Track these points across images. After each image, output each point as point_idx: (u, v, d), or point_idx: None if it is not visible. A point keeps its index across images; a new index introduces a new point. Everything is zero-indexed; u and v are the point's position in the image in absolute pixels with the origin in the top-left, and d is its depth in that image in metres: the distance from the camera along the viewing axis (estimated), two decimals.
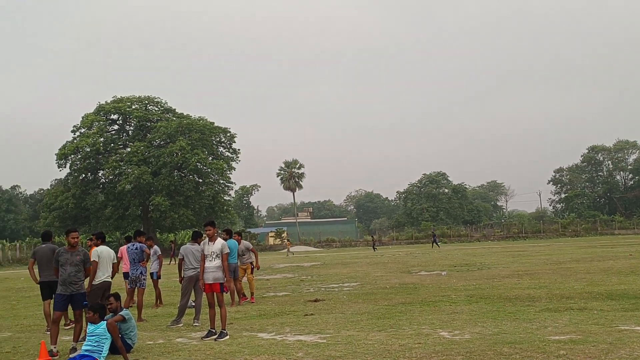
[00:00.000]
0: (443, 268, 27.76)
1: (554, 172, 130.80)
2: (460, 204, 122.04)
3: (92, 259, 11.58)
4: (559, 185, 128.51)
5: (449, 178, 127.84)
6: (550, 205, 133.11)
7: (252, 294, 17.97)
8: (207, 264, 11.70)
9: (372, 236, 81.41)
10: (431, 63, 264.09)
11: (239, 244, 17.63)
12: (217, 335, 11.21)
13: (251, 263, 18.19)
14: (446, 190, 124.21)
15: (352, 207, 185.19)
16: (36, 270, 13.35)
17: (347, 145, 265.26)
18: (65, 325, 13.58)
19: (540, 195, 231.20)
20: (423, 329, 11.24)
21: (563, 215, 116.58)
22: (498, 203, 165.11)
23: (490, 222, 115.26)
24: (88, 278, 11.56)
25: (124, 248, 16.62)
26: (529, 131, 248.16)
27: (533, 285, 18.13)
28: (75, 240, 11.12)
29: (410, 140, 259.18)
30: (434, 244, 68.47)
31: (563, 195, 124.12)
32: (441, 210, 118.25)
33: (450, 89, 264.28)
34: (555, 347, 8.84)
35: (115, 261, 12.86)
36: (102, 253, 12.42)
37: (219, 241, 11.84)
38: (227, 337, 11.19)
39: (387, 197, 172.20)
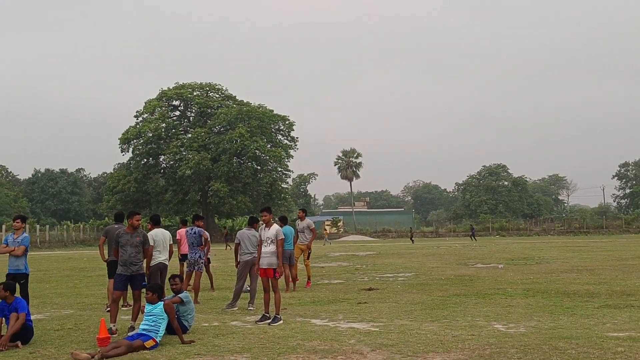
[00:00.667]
0: (500, 261, 27.39)
1: (619, 166, 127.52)
2: (520, 197, 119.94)
3: (150, 243, 11.83)
4: (624, 180, 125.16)
5: (509, 170, 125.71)
6: (614, 201, 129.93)
7: (308, 278, 18.15)
8: (263, 249, 11.84)
9: (410, 228, 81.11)
10: (493, 53, 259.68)
11: (302, 220, 17.81)
12: (270, 320, 11.35)
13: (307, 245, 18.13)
14: (506, 183, 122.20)
15: (410, 198, 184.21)
16: (105, 250, 13.86)
17: (406, 135, 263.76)
18: (122, 306, 13.96)
19: (604, 190, 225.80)
20: (477, 321, 11.13)
21: (627, 211, 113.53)
22: (559, 197, 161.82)
23: (550, 217, 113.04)
24: (146, 260, 11.83)
25: (182, 231, 17.01)
26: (594, 125, 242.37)
27: (592, 281, 17.74)
28: (138, 222, 11.41)
29: (470, 131, 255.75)
30: (472, 237, 68.25)
31: (628, 191, 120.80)
32: (500, 203, 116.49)
33: (513, 78, 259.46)
34: (613, 344, 8.65)
35: (171, 242, 13.19)
36: (156, 236, 12.86)
37: (274, 227, 11.97)
38: (281, 322, 11.31)
39: (445, 189, 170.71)
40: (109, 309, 12.23)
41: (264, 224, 11.98)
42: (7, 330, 9.74)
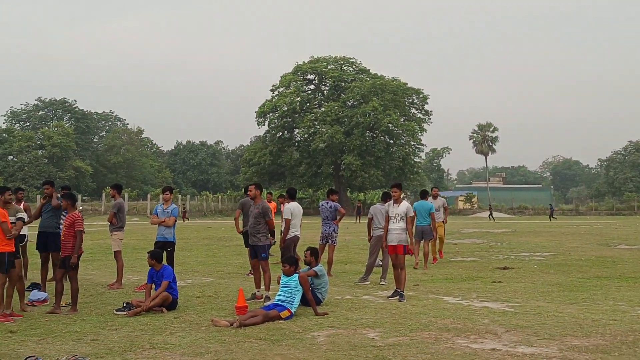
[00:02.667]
0: None
1: None
2: None
3: (284, 217, 12.12)
4: None
5: None
6: None
7: (439, 251, 18.19)
8: (391, 225, 11.83)
9: (489, 205, 78.17)
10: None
11: (435, 198, 17.79)
12: (399, 296, 11.35)
13: (442, 221, 18.20)
14: None
15: (548, 174, 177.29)
16: (241, 222, 14.47)
17: (546, 109, 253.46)
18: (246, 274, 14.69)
19: None
20: (620, 306, 10.63)
21: None
22: None
23: None
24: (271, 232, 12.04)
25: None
26: None
27: None
28: (252, 193, 11.65)
29: (616, 104, 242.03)
30: (551, 217, 65.39)
31: None
32: None
33: None
34: None
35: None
36: (294, 210, 13.14)
37: (404, 204, 11.93)
38: (405, 299, 11.26)
39: (587, 165, 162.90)
40: (249, 274, 12.92)
41: (393, 200, 11.96)
42: (151, 297, 10.37)
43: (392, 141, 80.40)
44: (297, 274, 10.17)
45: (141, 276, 13.71)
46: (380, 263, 14.42)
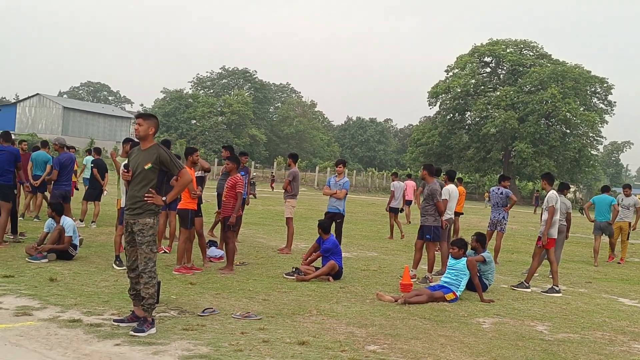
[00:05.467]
0: None
1: None
2: None
3: (442, 197, 11.95)
4: None
5: None
6: None
7: (621, 258, 16.95)
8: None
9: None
10: None
11: (627, 196, 16.64)
12: (547, 290, 11.07)
13: (629, 224, 16.83)
14: None
15: None
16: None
17: None
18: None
19: None
20: None
21: None
22: None
23: None
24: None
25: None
26: None
27: None
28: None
29: None
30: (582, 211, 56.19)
31: None
32: None
33: None
34: None
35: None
36: (452, 192, 13.04)
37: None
38: (556, 294, 10.91)
39: None
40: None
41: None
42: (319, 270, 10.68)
43: (568, 131, 76.58)
44: (465, 258, 10.04)
45: (308, 244, 14.12)
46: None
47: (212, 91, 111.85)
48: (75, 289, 8.45)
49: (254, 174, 36.49)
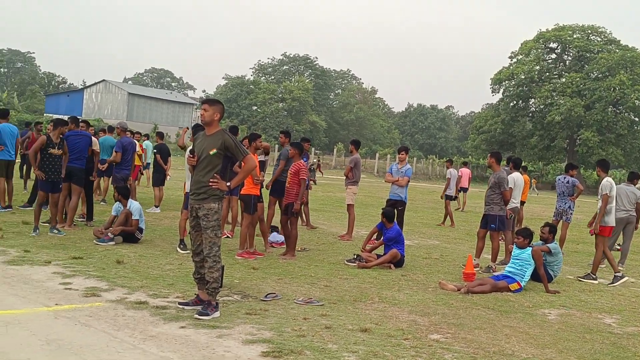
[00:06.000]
0: None
1: None
2: None
3: (509, 185, 11.71)
4: None
5: None
6: None
7: None
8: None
9: None
10: None
11: None
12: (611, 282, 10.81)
13: None
14: None
15: None
16: None
17: None
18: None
19: None
20: None
21: None
22: None
23: None
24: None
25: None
26: None
27: None
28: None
29: None
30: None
31: None
32: None
33: None
34: None
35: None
36: (517, 180, 12.80)
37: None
38: (615, 283, 10.72)
39: None
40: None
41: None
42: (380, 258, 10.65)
43: (637, 119, 74.23)
44: (531, 248, 9.83)
45: (368, 231, 14.06)
46: (617, 247, 13.57)
47: (273, 77, 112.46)
48: (141, 272, 8.63)
49: (315, 160, 36.50)
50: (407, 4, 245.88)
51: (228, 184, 7.09)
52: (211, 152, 6.99)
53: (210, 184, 6.94)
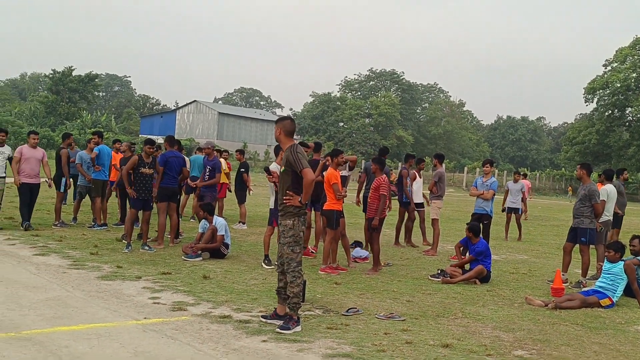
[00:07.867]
0: None
1: None
2: None
3: (601, 198, 11.33)
4: None
5: None
6: None
7: None
8: None
9: None
10: None
11: None
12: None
13: None
14: None
15: None
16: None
17: None
18: None
19: None
20: None
21: None
22: None
23: None
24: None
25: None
26: None
27: None
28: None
29: None
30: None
31: None
32: None
33: None
34: None
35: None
36: (610, 192, 12.40)
37: None
38: None
39: None
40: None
41: None
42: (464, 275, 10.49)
43: None
44: (622, 262, 9.46)
45: (453, 246, 13.88)
46: None
47: (359, 93, 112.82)
48: (226, 286, 8.82)
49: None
50: (494, 19, 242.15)
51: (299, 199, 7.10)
52: (281, 169, 7.19)
53: (284, 200, 7.07)
